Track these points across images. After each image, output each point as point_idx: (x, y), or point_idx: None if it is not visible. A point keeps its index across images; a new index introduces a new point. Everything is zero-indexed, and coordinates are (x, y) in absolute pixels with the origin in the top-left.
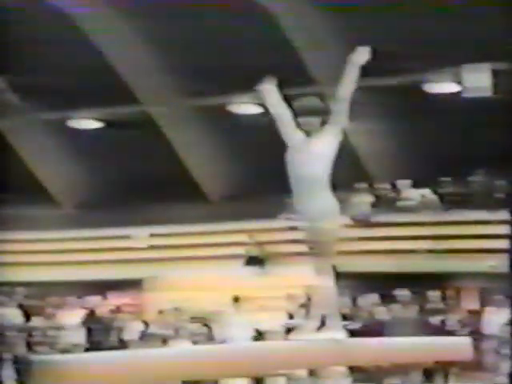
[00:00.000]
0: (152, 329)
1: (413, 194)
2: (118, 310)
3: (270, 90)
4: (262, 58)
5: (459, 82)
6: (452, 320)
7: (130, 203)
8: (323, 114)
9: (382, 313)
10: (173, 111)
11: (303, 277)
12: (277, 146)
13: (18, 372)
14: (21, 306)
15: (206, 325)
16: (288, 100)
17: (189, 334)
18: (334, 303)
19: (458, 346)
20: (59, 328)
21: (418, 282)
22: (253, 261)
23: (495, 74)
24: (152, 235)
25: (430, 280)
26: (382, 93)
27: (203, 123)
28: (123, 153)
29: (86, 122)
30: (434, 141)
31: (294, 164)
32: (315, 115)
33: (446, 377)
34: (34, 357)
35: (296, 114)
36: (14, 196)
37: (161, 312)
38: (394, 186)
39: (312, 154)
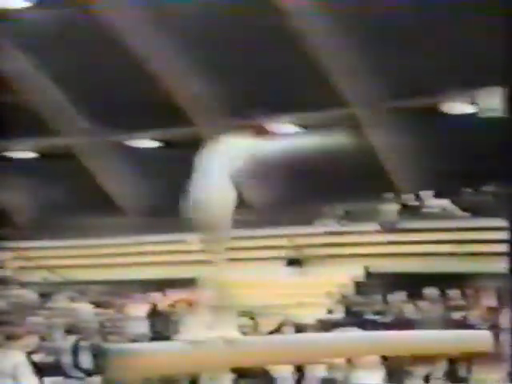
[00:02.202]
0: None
1: (435, 203)
2: (175, 304)
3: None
4: (298, 84)
5: (475, 104)
6: (473, 315)
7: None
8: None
9: (410, 309)
10: (221, 131)
11: (337, 276)
12: (313, 162)
13: (94, 358)
14: (95, 301)
15: (252, 318)
16: None
17: (237, 326)
18: (228, 300)
19: (480, 338)
20: (127, 320)
21: (442, 281)
22: (292, 262)
23: (508, 96)
24: None
25: (452, 280)
26: (407, 113)
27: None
28: (178, 168)
29: (147, 142)
30: (454, 156)
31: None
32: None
33: (469, 367)
34: (108, 345)
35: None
36: (88, 208)
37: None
38: (417, 196)
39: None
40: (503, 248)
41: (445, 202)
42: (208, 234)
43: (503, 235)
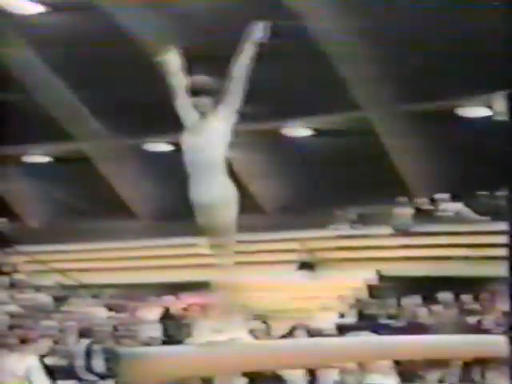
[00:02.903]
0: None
1: (449, 207)
2: (188, 308)
3: (171, 59)
4: (311, 87)
5: (490, 107)
6: (488, 320)
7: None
8: (215, 94)
9: (423, 313)
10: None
11: (350, 280)
12: (325, 165)
13: (107, 361)
14: (108, 305)
15: (264, 322)
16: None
17: (249, 329)
18: (239, 303)
19: (494, 343)
20: (140, 323)
21: (456, 285)
22: (304, 266)
23: None
24: None
25: (467, 284)
26: (422, 116)
27: (258, 144)
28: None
29: (161, 146)
30: (468, 159)
31: (190, 149)
32: (207, 94)
33: (483, 372)
34: (121, 348)
35: (188, 93)
36: (101, 211)
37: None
38: (431, 200)
39: (207, 138)
40: None
41: (459, 206)
42: (214, 237)
43: None
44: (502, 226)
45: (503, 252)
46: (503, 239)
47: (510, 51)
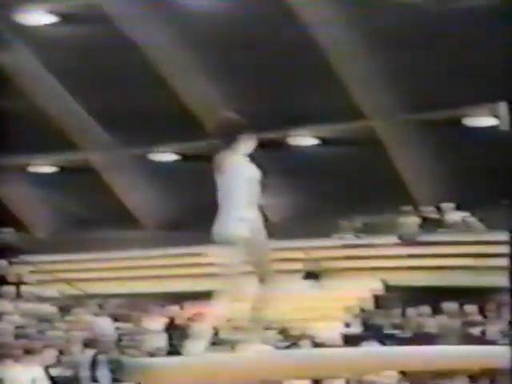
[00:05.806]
0: (222, 335)
1: (455, 216)
2: (193, 318)
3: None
4: (316, 97)
5: (496, 116)
6: (492, 331)
7: (201, 225)
8: (240, 133)
9: (429, 323)
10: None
11: (355, 290)
12: (331, 174)
13: (112, 372)
14: (113, 315)
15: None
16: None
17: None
18: (246, 314)
19: (500, 354)
20: (145, 334)
21: (461, 295)
22: (309, 275)
23: None
24: None
25: (472, 293)
26: (428, 126)
27: (264, 154)
28: (195, 182)
29: (165, 156)
30: (474, 168)
31: (218, 184)
32: (234, 134)
33: (492, 382)
34: (125, 359)
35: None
36: (106, 221)
37: (229, 320)
38: (438, 209)
39: (227, 176)
40: None
41: (465, 215)
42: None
43: None
44: (508, 236)
45: (507, 262)
46: (508, 249)
47: None
